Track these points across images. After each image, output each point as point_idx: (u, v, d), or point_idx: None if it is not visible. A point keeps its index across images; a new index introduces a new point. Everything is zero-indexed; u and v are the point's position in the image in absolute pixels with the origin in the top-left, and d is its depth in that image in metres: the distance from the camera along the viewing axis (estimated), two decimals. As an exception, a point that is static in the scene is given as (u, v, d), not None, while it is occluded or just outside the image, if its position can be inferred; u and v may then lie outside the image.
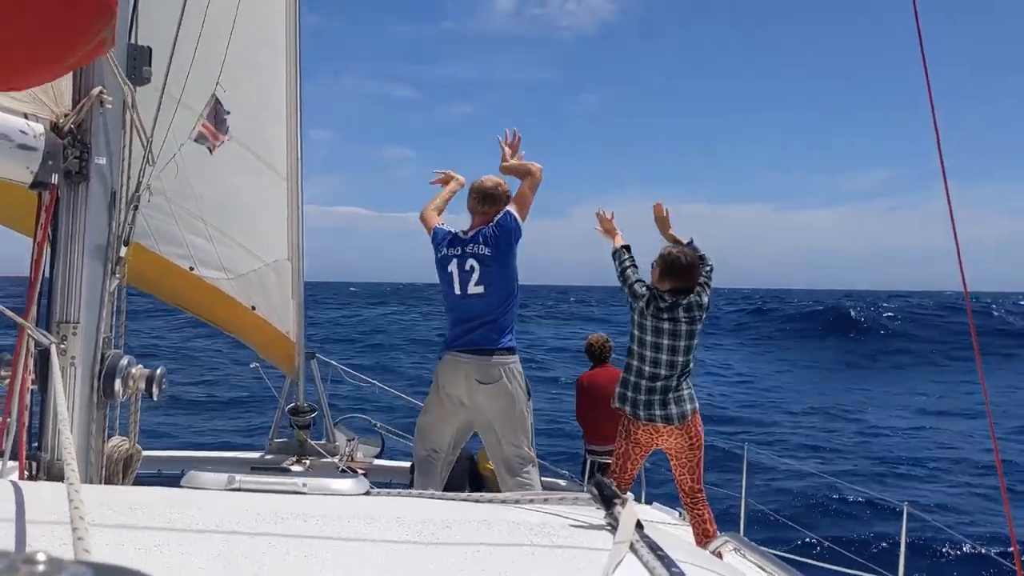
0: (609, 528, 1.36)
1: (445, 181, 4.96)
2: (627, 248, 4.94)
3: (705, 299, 4.70)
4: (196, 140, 2.63)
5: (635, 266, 4.87)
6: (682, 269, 4.65)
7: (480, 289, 4.36)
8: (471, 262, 4.38)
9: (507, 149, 4.69)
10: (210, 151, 2.61)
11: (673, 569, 1.08)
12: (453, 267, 4.43)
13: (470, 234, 4.49)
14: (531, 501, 1.59)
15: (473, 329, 4.34)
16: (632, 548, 1.20)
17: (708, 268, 4.79)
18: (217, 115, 2.88)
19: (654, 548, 1.18)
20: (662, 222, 4.95)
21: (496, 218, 4.46)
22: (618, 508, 1.38)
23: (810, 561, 5.48)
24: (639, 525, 1.30)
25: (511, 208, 4.47)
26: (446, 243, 4.52)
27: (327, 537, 1.24)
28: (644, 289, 4.71)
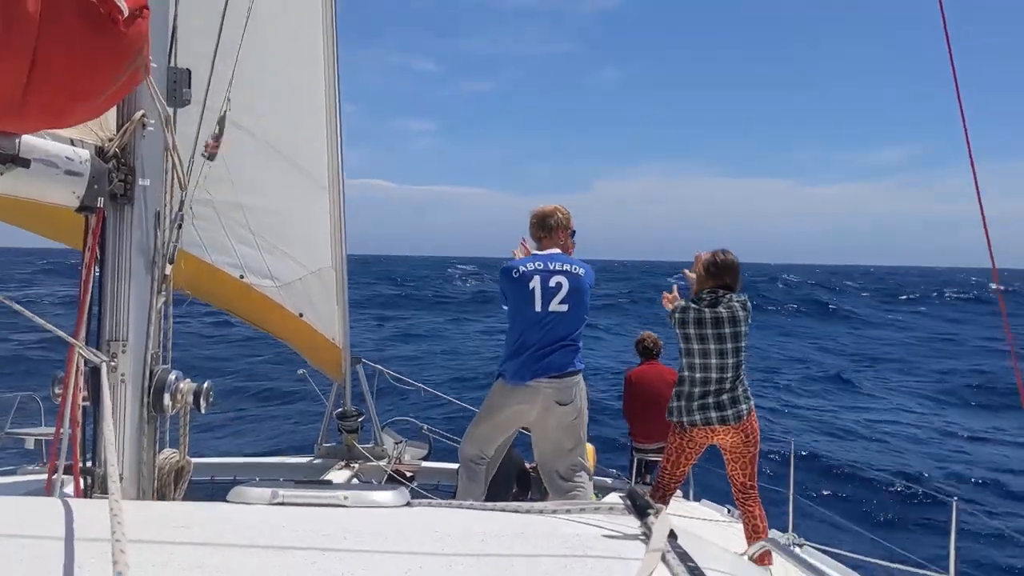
0: (642, 538, 1.37)
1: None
2: None
3: (748, 307, 4.64)
4: (208, 158, 2.68)
5: None
6: (721, 265, 4.68)
7: (564, 307, 4.29)
8: (558, 279, 4.32)
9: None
10: (211, 159, 2.66)
11: None
12: (536, 283, 4.32)
13: (548, 252, 4.45)
14: (568, 511, 1.61)
15: (554, 351, 4.28)
16: (664, 559, 1.21)
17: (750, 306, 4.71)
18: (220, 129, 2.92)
19: (685, 559, 1.19)
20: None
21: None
22: (651, 518, 1.40)
23: (858, 556, 5.40)
24: (672, 535, 1.31)
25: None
26: (522, 264, 4.42)
27: (367, 551, 1.27)
28: (679, 303, 4.75)
